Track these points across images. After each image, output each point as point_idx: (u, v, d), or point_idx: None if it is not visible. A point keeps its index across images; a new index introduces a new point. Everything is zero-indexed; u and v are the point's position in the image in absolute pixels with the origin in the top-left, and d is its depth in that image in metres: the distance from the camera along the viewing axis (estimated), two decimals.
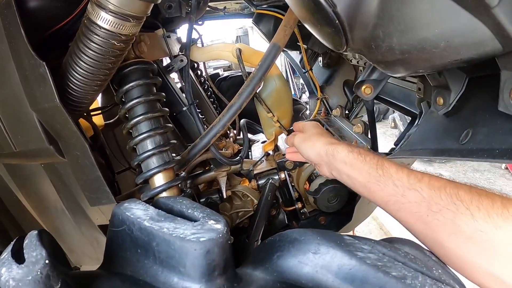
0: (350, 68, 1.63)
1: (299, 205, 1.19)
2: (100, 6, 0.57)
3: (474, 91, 0.61)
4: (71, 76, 0.64)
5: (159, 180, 0.75)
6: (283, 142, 1.33)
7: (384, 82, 0.79)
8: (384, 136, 5.15)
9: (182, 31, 1.32)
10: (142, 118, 0.74)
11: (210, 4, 1.32)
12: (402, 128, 4.06)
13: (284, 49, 1.58)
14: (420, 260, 0.44)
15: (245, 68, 1.07)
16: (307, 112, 2.02)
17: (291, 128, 1.46)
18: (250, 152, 1.41)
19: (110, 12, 0.57)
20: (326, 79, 1.71)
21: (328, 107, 1.56)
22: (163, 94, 0.81)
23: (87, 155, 0.69)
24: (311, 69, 1.52)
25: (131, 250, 0.41)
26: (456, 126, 0.61)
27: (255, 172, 1.16)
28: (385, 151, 1.05)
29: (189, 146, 0.93)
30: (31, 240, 0.37)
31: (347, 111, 1.60)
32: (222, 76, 2.12)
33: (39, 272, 0.32)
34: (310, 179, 1.14)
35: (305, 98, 5.02)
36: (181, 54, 1.05)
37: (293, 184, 1.19)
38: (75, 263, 1.08)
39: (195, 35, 1.18)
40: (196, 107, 1.04)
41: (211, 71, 2.28)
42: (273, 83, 1.09)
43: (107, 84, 0.72)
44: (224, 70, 6.34)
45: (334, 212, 1.16)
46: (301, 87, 6.55)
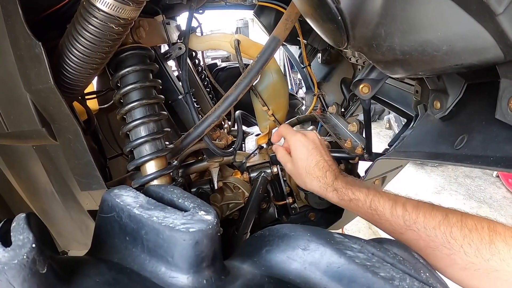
0: (348, 66, 1.62)
1: (290, 200, 1.19)
2: None
3: (471, 97, 0.61)
4: (67, 58, 0.63)
5: (150, 167, 0.75)
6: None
7: (382, 82, 0.79)
8: (378, 136, 5.18)
9: (181, 19, 1.30)
10: (136, 104, 0.73)
11: None
12: (397, 130, 4.10)
13: (284, 43, 1.57)
14: (409, 262, 0.44)
15: (242, 60, 1.07)
16: (303, 107, 2.02)
17: (287, 122, 1.46)
18: (243, 144, 1.40)
19: None
20: (324, 76, 1.70)
21: (324, 104, 1.56)
22: (159, 81, 0.80)
23: (79, 139, 0.68)
24: (309, 64, 1.52)
25: (120, 237, 0.41)
26: (452, 131, 0.61)
27: (248, 164, 1.16)
28: (378, 151, 1.05)
29: (182, 135, 0.93)
30: (18, 223, 0.36)
31: (343, 109, 1.60)
32: (219, 66, 2.10)
33: (25, 256, 0.31)
34: None
35: (301, 93, 5.02)
36: (179, 42, 1.03)
37: (285, 178, 1.19)
38: (63, 247, 1.07)
39: (194, 24, 1.17)
40: (192, 96, 1.03)
41: (209, 61, 2.26)
42: (270, 76, 1.08)
43: (103, 68, 0.71)
44: (222, 61, 6.30)
45: (324, 209, 1.17)
46: (298, 82, 6.55)
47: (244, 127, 1.46)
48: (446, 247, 0.56)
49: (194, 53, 1.40)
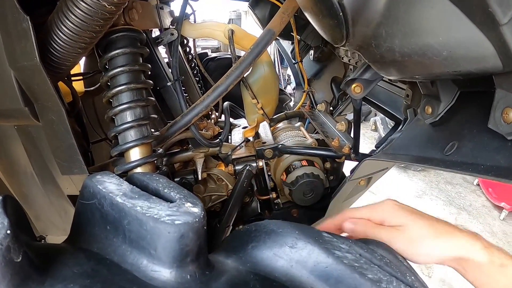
0: (340, 65, 1.62)
1: (274, 195, 1.18)
2: None
3: (463, 105, 0.61)
4: (55, 35, 0.60)
5: (135, 154, 0.73)
6: (264, 130, 1.32)
7: (375, 83, 0.78)
8: (363, 137, 5.24)
9: (175, 5, 1.27)
10: (124, 88, 0.71)
11: None
12: (382, 132, 4.15)
13: (277, 37, 1.56)
14: (395, 265, 0.44)
15: (235, 50, 1.05)
16: (291, 103, 2.02)
17: (275, 117, 1.45)
18: (229, 136, 1.39)
19: None
20: (314, 73, 1.70)
21: (313, 101, 1.56)
22: (149, 65, 0.78)
23: (62, 121, 0.66)
24: (301, 60, 1.51)
25: (100, 226, 0.39)
26: (442, 137, 0.61)
27: (233, 157, 1.14)
28: (364, 152, 1.06)
29: (168, 123, 0.90)
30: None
31: (332, 108, 1.61)
32: (210, 56, 2.07)
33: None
34: (288, 170, 1.14)
35: (289, 89, 5.02)
36: (172, 28, 1.00)
37: (269, 173, 1.18)
38: (40, 231, 1.04)
39: (188, 10, 1.14)
40: (181, 84, 1.01)
41: (199, 50, 2.23)
42: (262, 69, 1.07)
43: (91, 49, 0.68)
44: (212, 51, 6.23)
45: (307, 206, 1.17)
46: (287, 78, 6.54)
47: (230, 119, 1.44)
48: None
49: (185, 40, 1.37)
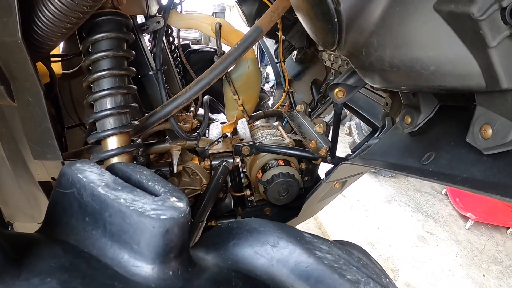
0: (321, 68, 1.64)
1: (248, 192, 1.18)
2: None
3: (442, 118, 0.63)
4: (41, 12, 0.58)
5: (112, 143, 0.70)
6: (242, 126, 1.32)
7: (358, 90, 0.80)
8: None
9: None
10: (106, 73, 0.69)
11: None
12: (356, 137, 4.24)
13: None
14: (371, 267, 0.45)
15: (221, 45, 1.03)
16: (270, 102, 2.02)
17: (253, 114, 1.45)
18: (207, 131, 1.37)
19: None
20: (296, 74, 1.71)
21: (292, 101, 1.57)
22: (133, 52, 0.76)
23: (40, 103, 0.63)
24: (284, 60, 1.51)
25: (78, 217, 0.37)
26: (419, 147, 0.63)
27: (210, 151, 1.13)
28: (340, 155, 1.08)
29: (146, 112, 0.88)
30: None
31: (310, 109, 1.62)
32: (192, 48, 2.04)
33: None
34: (264, 169, 1.14)
35: (267, 88, 5.02)
36: (158, 16, 0.98)
37: (244, 170, 1.18)
38: (8, 217, 0.99)
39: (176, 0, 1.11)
40: (163, 74, 0.99)
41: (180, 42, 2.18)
42: (246, 66, 1.06)
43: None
44: (192, 43, 6.13)
45: (280, 205, 1.18)
46: (265, 76, 6.54)
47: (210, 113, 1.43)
48: None
49: (170, 30, 1.34)
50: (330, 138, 1.13)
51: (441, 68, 0.44)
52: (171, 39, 1.41)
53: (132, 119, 0.80)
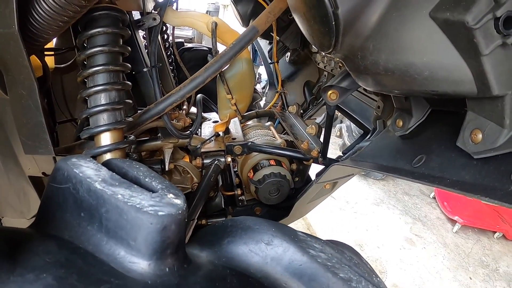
0: (314, 70, 1.65)
1: (239, 191, 1.19)
2: None
3: (433, 122, 0.65)
4: (38, 4, 0.57)
5: (106, 139, 0.70)
6: (234, 126, 1.32)
7: (351, 92, 0.81)
8: None
9: None
10: (102, 68, 0.68)
11: None
12: (347, 139, 4.28)
13: None
14: (362, 266, 0.46)
15: (217, 44, 1.04)
16: (262, 102, 2.02)
17: (246, 114, 1.45)
18: (199, 129, 1.37)
19: None
20: (289, 75, 1.72)
21: (285, 102, 1.58)
22: (129, 48, 0.75)
23: (33, 96, 0.62)
24: (277, 61, 1.52)
25: (73, 212, 0.37)
26: (410, 150, 0.65)
27: (202, 150, 1.13)
28: (331, 157, 1.09)
29: (139, 109, 0.88)
30: None
31: (302, 111, 1.63)
32: (186, 46, 2.03)
33: None
34: (256, 168, 1.14)
35: (258, 88, 5.02)
36: (154, 13, 0.97)
37: (235, 169, 1.18)
38: None
39: None
40: (157, 71, 0.98)
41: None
42: (240, 65, 1.07)
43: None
44: (185, 41, 6.11)
45: (271, 205, 1.18)
46: (257, 76, 6.54)
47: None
48: None
49: (164, 27, 1.34)
50: (321, 139, 1.14)
51: (434, 73, 0.45)
52: (166, 36, 1.40)
53: (125, 116, 0.79)
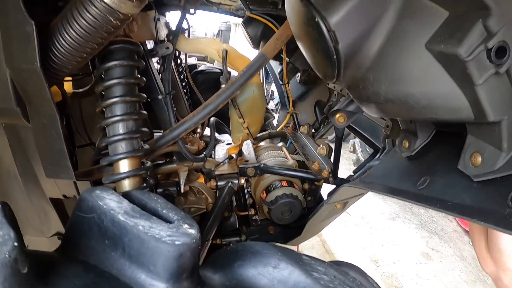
0: (325, 90, 1.68)
1: (252, 211, 1.21)
2: None
3: (438, 143, 0.66)
4: (58, 42, 0.61)
5: (124, 166, 0.74)
6: (247, 148, 1.36)
7: (358, 115, 0.84)
8: (341, 158, 5.37)
9: (170, 16, 1.29)
10: (119, 100, 0.73)
11: None
12: (360, 154, 4.27)
13: None
14: (366, 286, 0.48)
15: (227, 71, 1.08)
16: (275, 122, 2.06)
17: (258, 135, 1.49)
18: (213, 152, 1.41)
19: None
20: (299, 95, 1.75)
21: (296, 123, 1.60)
22: (144, 79, 0.80)
23: (55, 126, 0.66)
24: (288, 82, 1.56)
25: (98, 239, 0.41)
26: (416, 171, 0.66)
27: (216, 173, 1.17)
28: (343, 176, 1.11)
29: (155, 133, 0.92)
30: None
31: (314, 130, 1.66)
32: (199, 69, 2.10)
33: (7, 255, 0.30)
34: (268, 189, 1.17)
35: (272, 105, 5.09)
36: (167, 42, 1.03)
37: (249, 190, 1.21)
38: None
39: (184, 25, 1.17)
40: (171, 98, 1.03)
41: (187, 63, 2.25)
42: (251, 90, 1.11)
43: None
44: (198, 60, 6.27)
45: (284, 225, 1.20)
46: (270, 93, 6.62)
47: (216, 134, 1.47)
48: None
49: (178, 52, 1.40)
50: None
51: (432, 102, 0.48)
52: (179, 61, 1.47)
53: (142, 141, 0.84)
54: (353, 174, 1.17)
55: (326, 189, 1.12)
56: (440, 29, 0.45)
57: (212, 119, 1.33)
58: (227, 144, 1.42)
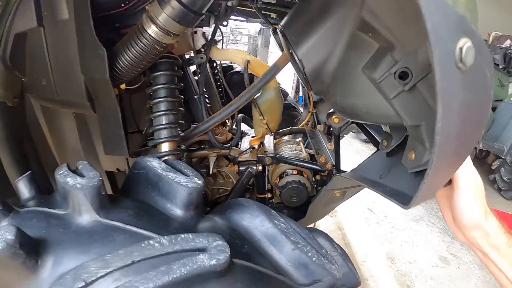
0: None
1: (269, 195, 1.44)
2: (152, 20, 0.77)
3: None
4: (121, 60, 0.84)
5: (165, 147, 1.00)
6: (268, 141, 1.59)
7: None
8: (363, 152, 5.55)
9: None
10: (163, 99, 0.98)
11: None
12: None
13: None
14: (319, 243, 0.70)
15: (248, 78, 1.31)
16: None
17: (281, 131, 1.70)
18: (240, 142, 1.65)
19: (158, 27, 0.78)
20: (320, 97, 1.93)
21: (316, 121, 1.80)
22: (182, 84, 1.06)
23: (116, 117, 0.89)
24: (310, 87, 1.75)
25: (144, 185, 0.68)
26: (386, 165, 0.81)
27: (239, 159, 1.41)
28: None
29: (191, 124, 1.17)
30: (85, 166, 0.62)
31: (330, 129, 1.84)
32: (235, 70, 2.35)
33: (96, 183, 0.57)
34: (281, 176, 1.39)
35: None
36: (202, 53, 1.29)
37: (268, 176, 1.44)
38: None
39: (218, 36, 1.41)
40: (205, 97, 1.28)
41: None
42: (269, 93, 1.33)
43: None
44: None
45: (294, 207, 1.42)
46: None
47: (247, 127, 1.72)
48: None
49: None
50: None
51: (370, 110, 0.65)
52: (215, 64, 1.73)
53: (180, 130, 1.09)
54: None
55: None
56: (371, 58, 0.62)
57: (239, 115, 1.57)
58: (252, 137, 1.66)
